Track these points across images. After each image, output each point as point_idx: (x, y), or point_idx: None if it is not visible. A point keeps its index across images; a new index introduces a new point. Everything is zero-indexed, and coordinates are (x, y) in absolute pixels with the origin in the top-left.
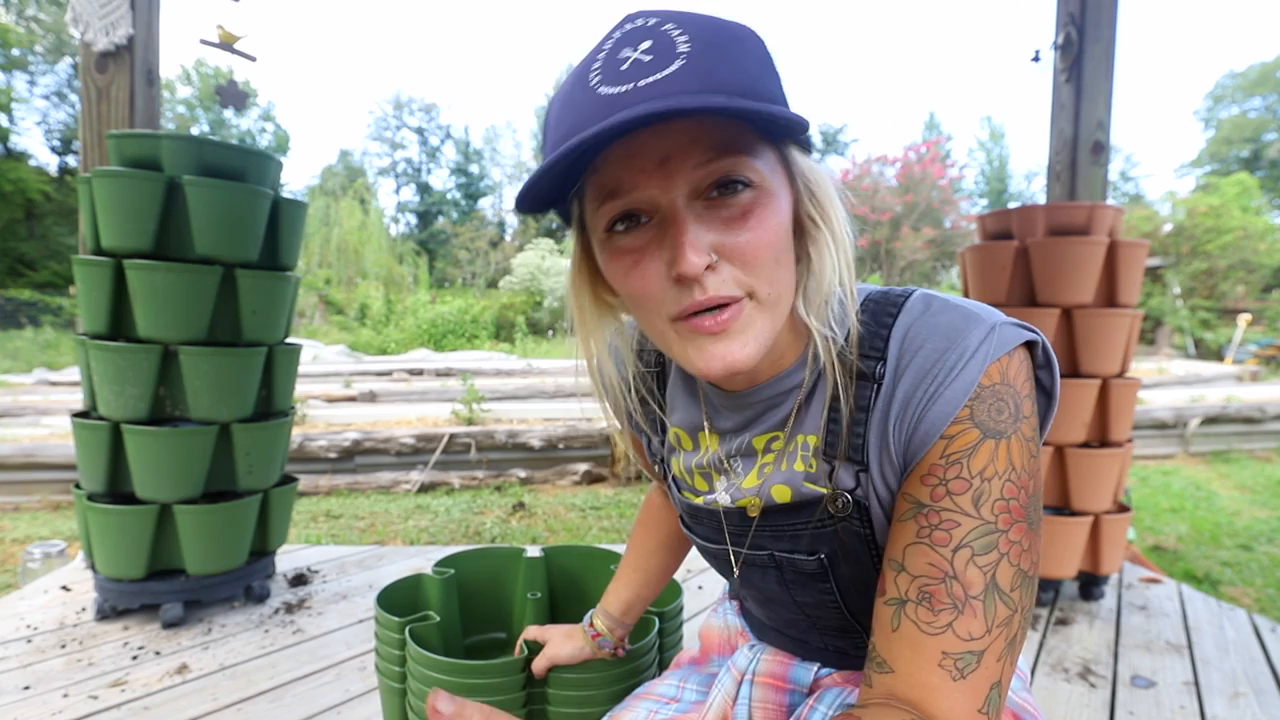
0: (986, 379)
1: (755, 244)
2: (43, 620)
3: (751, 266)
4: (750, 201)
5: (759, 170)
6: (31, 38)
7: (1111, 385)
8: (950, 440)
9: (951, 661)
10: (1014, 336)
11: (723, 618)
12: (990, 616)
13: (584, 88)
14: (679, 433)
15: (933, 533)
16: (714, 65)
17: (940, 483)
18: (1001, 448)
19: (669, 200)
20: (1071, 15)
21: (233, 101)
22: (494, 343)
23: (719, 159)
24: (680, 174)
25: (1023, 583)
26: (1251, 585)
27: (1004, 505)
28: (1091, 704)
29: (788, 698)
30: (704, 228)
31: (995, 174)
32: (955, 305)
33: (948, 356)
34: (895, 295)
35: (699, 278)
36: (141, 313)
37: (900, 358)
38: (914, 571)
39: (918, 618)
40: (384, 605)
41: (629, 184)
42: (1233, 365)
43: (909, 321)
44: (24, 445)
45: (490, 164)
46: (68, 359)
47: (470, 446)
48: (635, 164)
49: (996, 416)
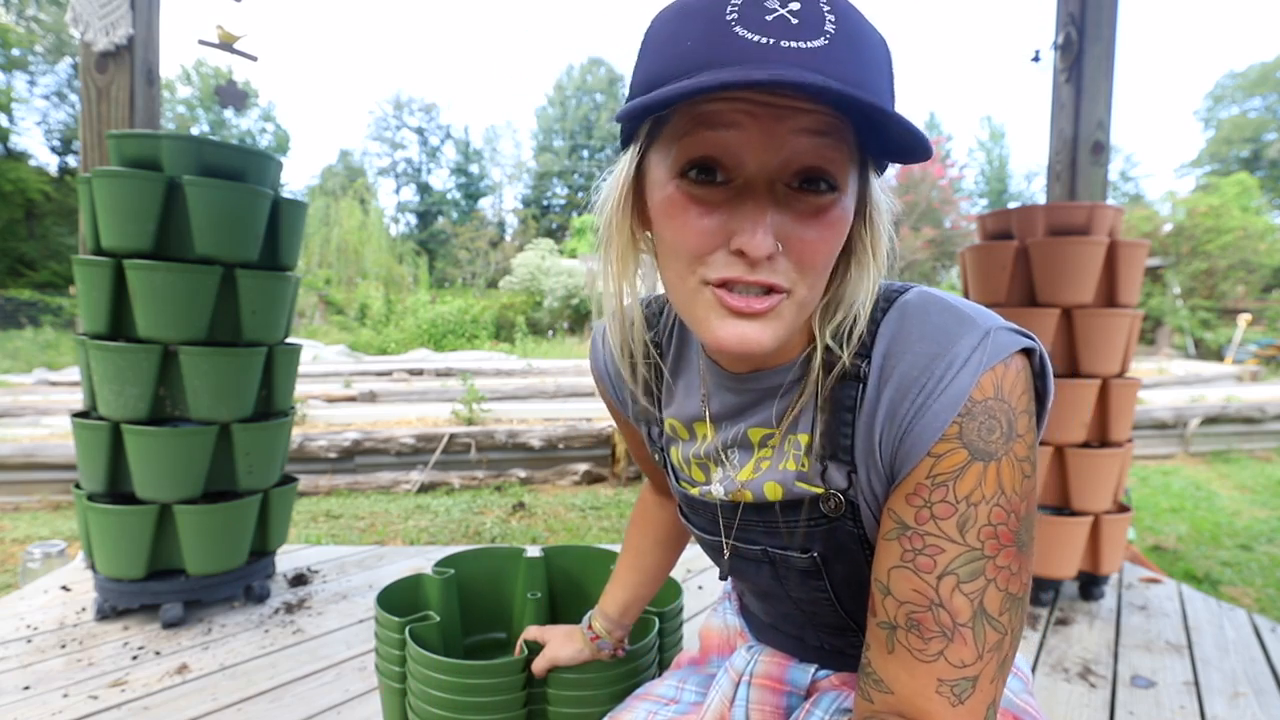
0: (979, 392)
1: (819, 246)
2: (43, 620)
3: (806, 267)
4: (829, 204)
5: (846, 175)
6: (31, 38)
7: (1111, 385)
8: (937, 459)
9: (949, 689)
10: (1009, 343)
11: (722, 617)
12: (980, 643)
13: (716, 19)
14: (674, 424)
15: (916, 558)
16: (853, 58)
17: (925, 505)
18: (991, 471)
19: (760, 163)
20: (1071, 15)
21: (233, 101)
22: (494, 343)
23: (827, 135)
24: (784, 130)
25: (1011, 606)
26: (1251, 585)
27: (991, 531)
28: (1091, 704)
29: (785, 700)
30: (779, 213)
31: (995, 174)
32: (950, 306)
33: (936, 365)
34: (892, 291)
35: (760, 262)
36: (141, 313)
37: (886, 358)
38: (900, 597)
39: (910, 644)
40: (384, 605)
41: (730, 120)
42: (1233, 365)
43: (899, 319)
44: (24, 445)
45: (490, 164)
46: (68, 359)
47: (470, 446)
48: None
49: (987, 437)
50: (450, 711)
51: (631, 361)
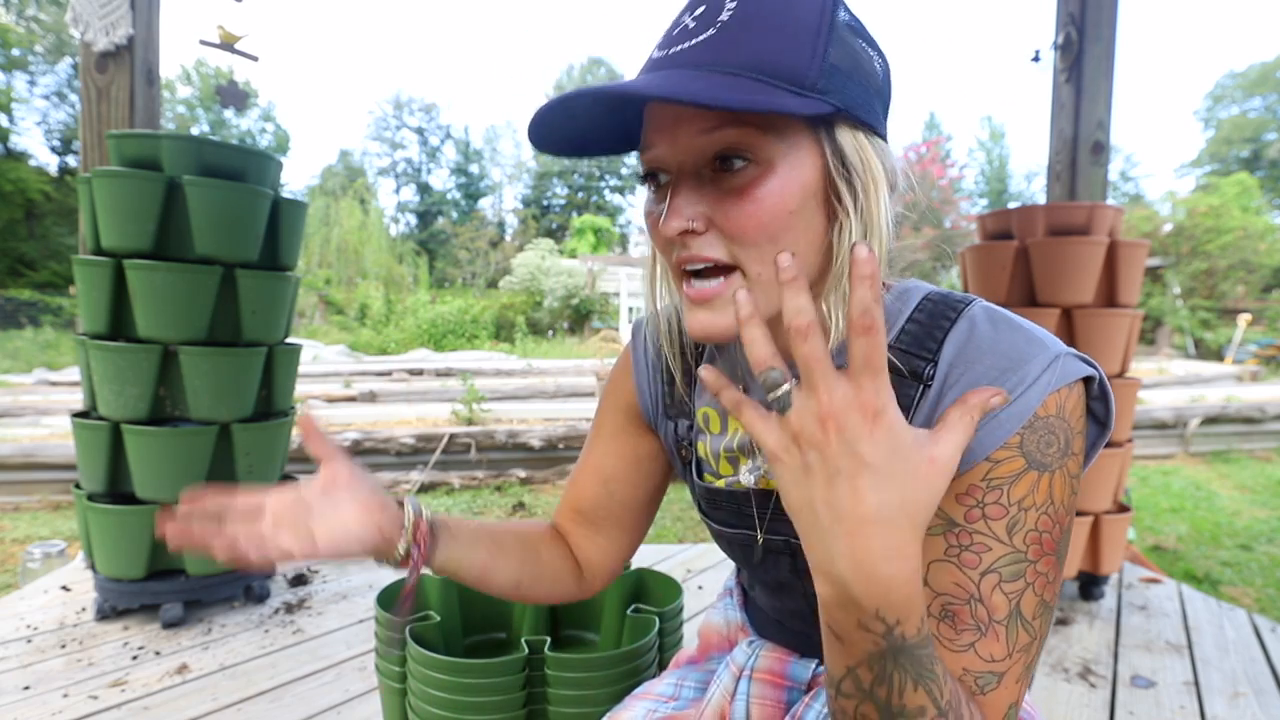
0: (1043, 409)
1: (745, 220)
2: (43, 620)
3: (741, 242)
4: (751, 178)
5: (770, 146)
6: (31, 38)
7: (1111, 385)
8: (995, 464)
9: (972, 679)
10: (1076, 370)
11: (723, 613)
12: (1012, 641)
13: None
14: (709, 412)
15: (962, 553)
16: (742, 38)
17: (977, 505)
18: (1044, 480)
19: (676, 163)
20: (1071, 15)
21: (233, 101)
22: (494, 343)
23: (722, 128)
24: (684, 138)
25: (1043, 612)
26: (1251, 585)
27: (1036, 537)
28: (1091, 704)
29: (785, 694)
30: (697, 195)
31: (995, 174)
32: (1020, 326)
33: (1007, 378)
34: (955, 300)
35: (675, 239)
36: (141, 313)
37: (954, 365)
38: (938, 589)
39: (940, 633)
40: (384, 605)
41: (651, 140)
42: (1233, 365)
43: (968, 330)
44: (24, 445)
45: (490, 164)
46: (68, 359)
47: (470, 446)
48: (655, 123)
49: (1045, 449)
50: (450, 711)
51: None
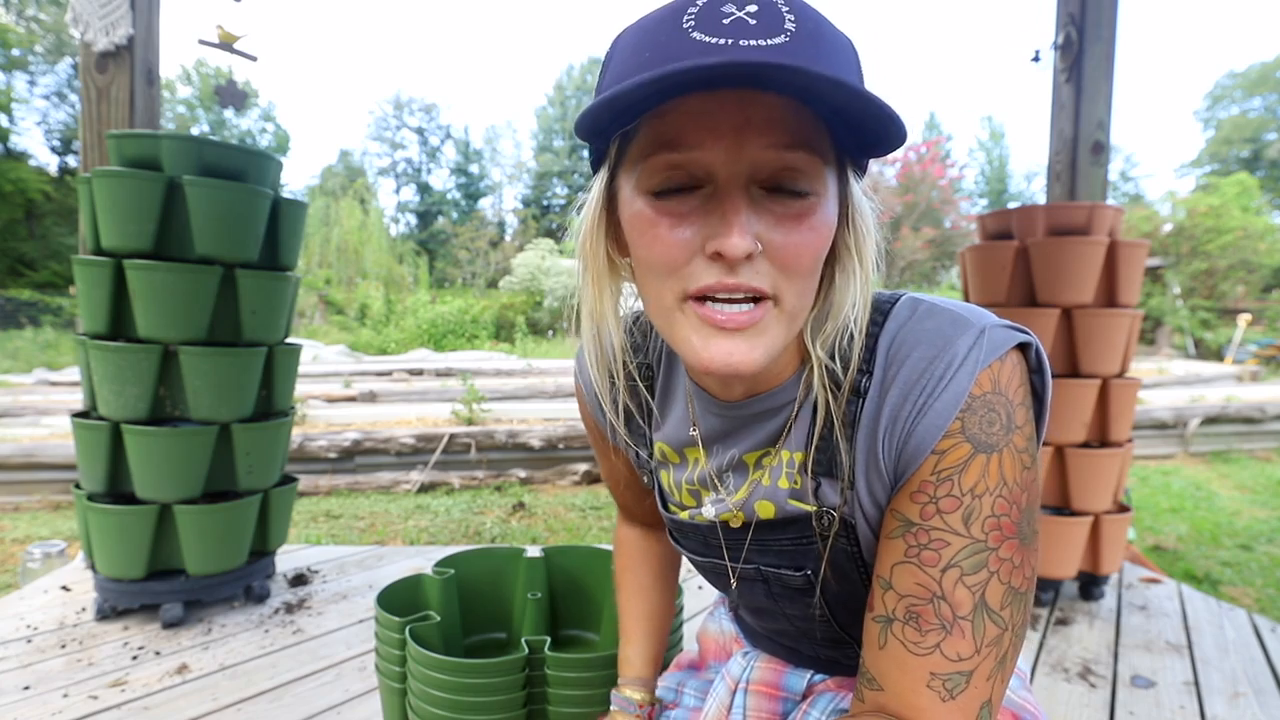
0: (977, 388)
1: (802, 249)
2: (43, 620)
3: (790, 271)
4: (808, 208)
5: (823, 180)
6: (31, 38)
7: (1111, 385)
8: (941, 455)
9: (940, 683)
10: (1005, 340)
11: (718, 623)
12: (979, 636)
13: (674, 27)
14: (664, 448)
15: (921, 552)
16: (821, 51)
17: (930, 500)
18: (993, 462)
19: (730, 174)
20: (1071, 15)
21: (233, 101)
22: (494, 343)
23: (794, 149)
24: (752, 148)
25: (1013, 600)
26: (1251, 585)
27: (995, 522)
28: (1091, 704)
29: (781, 705)
30: (756, 216)
31: (995, 174)
32: (942, 309)
33: (935, 366)
34: (882, 302)
35: (738, 262)
36: (141, 313)
37: (887, 369)
38: (901, 590)
39: (904, 637)
40: (384, 605)
41: (694, 140)
42: (1233, 365)
43: (895, 329)
44: (24, 445)
45: (490, 164)
46: (68, 359)
47: (470, 446)
48: (708, 121)
49: (988, 429)
50: (450, 711)
51: (613, 392)
